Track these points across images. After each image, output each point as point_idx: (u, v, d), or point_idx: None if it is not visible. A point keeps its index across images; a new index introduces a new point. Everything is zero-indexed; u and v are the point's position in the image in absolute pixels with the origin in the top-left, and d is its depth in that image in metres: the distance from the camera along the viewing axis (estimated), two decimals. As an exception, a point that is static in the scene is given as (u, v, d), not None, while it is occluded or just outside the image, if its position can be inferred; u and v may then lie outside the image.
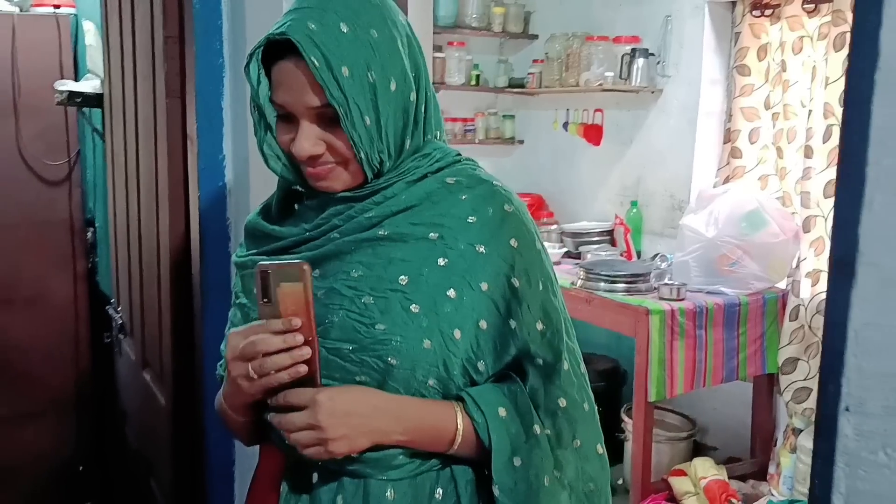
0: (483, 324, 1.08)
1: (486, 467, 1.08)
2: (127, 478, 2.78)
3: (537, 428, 1.08)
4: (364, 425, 1.03)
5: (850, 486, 0.53)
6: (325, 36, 1.00)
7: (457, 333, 1.06)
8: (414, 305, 1.06)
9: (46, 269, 3.38)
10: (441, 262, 1.08)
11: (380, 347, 1.05)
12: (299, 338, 1.01)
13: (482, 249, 1.08)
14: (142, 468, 2.39)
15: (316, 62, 0.99)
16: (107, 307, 2.81)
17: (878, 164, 0.49)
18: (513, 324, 1.08)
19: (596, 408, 1.17)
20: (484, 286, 1.08)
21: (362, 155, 1.04)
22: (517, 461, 1.06)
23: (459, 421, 1.06)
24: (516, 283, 1.08)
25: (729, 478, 2.96)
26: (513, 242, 1.10)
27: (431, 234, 1.09)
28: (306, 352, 1.01)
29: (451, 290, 1.07)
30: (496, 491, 1.06)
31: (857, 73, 0.52)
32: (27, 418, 3.39)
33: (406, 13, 1.61)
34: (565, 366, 1.11)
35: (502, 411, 1.07)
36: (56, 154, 3.33)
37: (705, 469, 2.94)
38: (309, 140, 1.04)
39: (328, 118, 1.03)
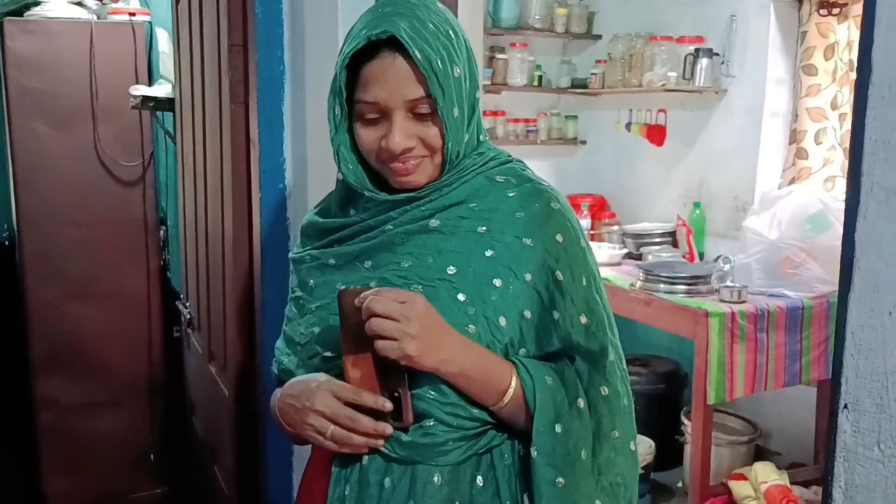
0: (527, 313, 1.12)
1: (527, 439, 1.11)
2: (194, 466, 2.88)
3: (581, 402, 1.11)
4: (440, 341, 1.06)
5: (848, 479, 0.55)
6: (420, 33, 1.08)
7: (502, 320, 1.11)
8: (461, 294, 1.11)
9: (122, 265, 3.50)
10: (488, 253, 1.13)
11: None
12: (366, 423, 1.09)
13: (528, 242, 1.13)
14: (207, 457, 2.48)
15: (419, 55, 1.06)
16: (177, 302, 2.91)
17: (870, 175, 0.51)
18: (556, 315, 1.12)
19: (633, 406, 1.19)
20: (528, 276, 1.12)
21: (450, 145, 1.11)
22: (558, 428, 1.09)
23: (514, 376, 1.10)
24: (560, 276, 1.12)
25: (791, 483, 2.92)
26: (558, 238, 1.14)
27: (480, 228, 1.14)
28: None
29: (497, 279, 1.12)
30: (534, 453, 1.08)
31: (857, 87, 0.55)
32: (103, 406, 3.52)
33: (456, 15, 1.66)
34: (610, 357, 1.14)
35: (549, 379, 1.10)
36: (131, 155, 3.44)
37: (766, 473, 2.90)
38: (403, 133, 1.10)
39: (419, 112, 1.10)
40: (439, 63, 1.07)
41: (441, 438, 1.11)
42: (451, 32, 1.12)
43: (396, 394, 1.09)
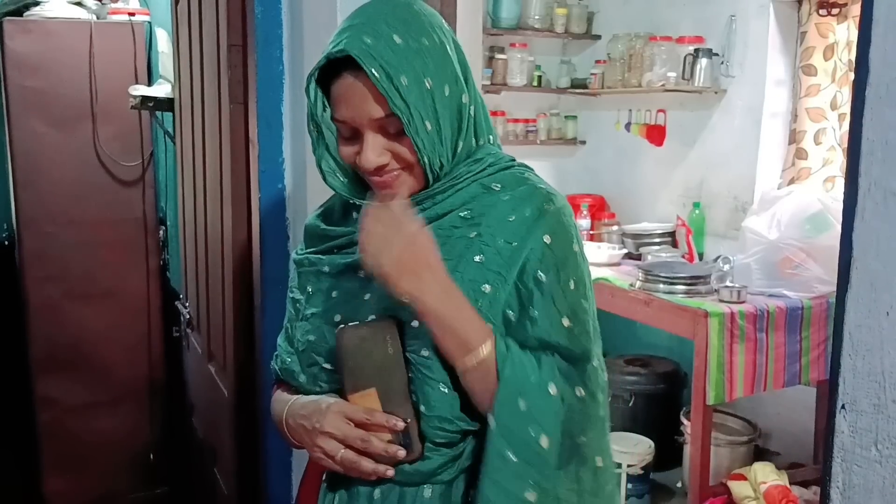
0: (510, 313, 1.11)
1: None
2: (194, 466, 2.88)
3: (553, 388, 1.06)
4: (423, 272, 1.04)
5: (846, 480, 0.55)
6: (381, 48, 1.04)
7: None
8: None
9: (121, 265, 3.50)
10: (477, 258, 1.11)
11: (415, 342, 1.10)
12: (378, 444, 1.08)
13: (515, 244, 1.11)
14: (207, 457, 2.48)
15: (376, 74, 1.03)
16: (176, 302, 2.91)
17: (868, 175, 0.51)
18: (533, 312, 1.09)
19: (609, 424, 1.14)
20: (513, 277, 1.10)
21: (426, 159, 1.08)
22: (522, 405, 1.05)
23: (490, 340, 1.07)
24: (542, 276, 1.09)
25: (791, 483, 2.92)
26: (546, 238, 1.11)
27: (471, 234, 1.12)
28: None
29: (487, 285, 1.10)
30: (492, 422, 1.04)
31: (855, 87, 0.55)
32: (102, 406, 3.53)
33: (455, 15, 1.65)
34: (593, 362, 1.11)
35: (525, 359, 1.07)
36: (130, 155, 3.45)
37: (766, 474, 2.90)
38: (375, 151, 1.08)
39: (390, 128, 1.08)
40: (403, 79, 1.04)
41: (432, 465, 1.10)
42: (423, 40, 1.08)
43: (406, 421, 1.08)
